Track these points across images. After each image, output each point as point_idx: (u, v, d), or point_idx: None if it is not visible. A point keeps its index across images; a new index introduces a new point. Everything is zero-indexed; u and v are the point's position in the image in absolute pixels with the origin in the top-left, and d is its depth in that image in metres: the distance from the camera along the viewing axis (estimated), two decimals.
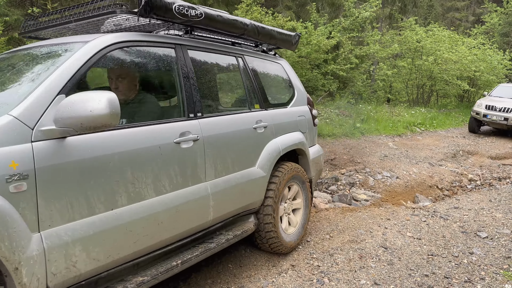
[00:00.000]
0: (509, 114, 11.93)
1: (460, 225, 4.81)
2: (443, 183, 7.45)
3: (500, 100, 12.60)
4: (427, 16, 27.98)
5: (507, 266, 3.81)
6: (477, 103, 13.10)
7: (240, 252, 3.93)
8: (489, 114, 12.30)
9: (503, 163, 9.57)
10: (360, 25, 14.49)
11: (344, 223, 4.81)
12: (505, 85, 14.17)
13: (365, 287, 3.41)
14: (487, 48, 19.55)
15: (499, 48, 22.36)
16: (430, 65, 16.36)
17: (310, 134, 4.39)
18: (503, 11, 29.35)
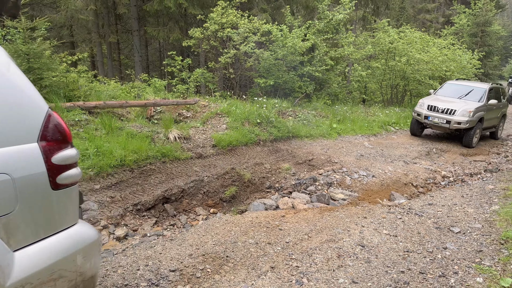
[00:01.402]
0: (452, 116, 10.57)
1: (434, 221, 4.94)
2: (418, 181, 7.64)
3: (444, 100, 11.33)
4: (399, 18, 28.67)
5: (479, 259, 3.93)
6: (419, 102, 11.61)
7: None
8: (431, 115, 10.93)
9: (474, 160, 9.89)
10: (334, 27, 14.71)
11: (322, 223, 4.86)
12: (453, 82, 12.88)
13: (344, 285, 3.45)
14: (456, 48, 20.18)
15: (468, 48, 23.13)
16: (403, 65, 16.76)
17: (33, 216, 1.97)
18: (471, 12, 30.40)
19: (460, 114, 10.50)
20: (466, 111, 10.46)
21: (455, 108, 10.64)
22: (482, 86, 11.78)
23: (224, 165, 6.84)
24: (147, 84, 10.72)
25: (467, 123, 10.41)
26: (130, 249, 4.18)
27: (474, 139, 10.89)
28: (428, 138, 11.91)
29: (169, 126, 6.91)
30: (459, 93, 11.74)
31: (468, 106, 10.71)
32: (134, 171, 5.82)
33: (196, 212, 5.73)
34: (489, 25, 30.97)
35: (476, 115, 10.58)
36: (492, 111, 11.58)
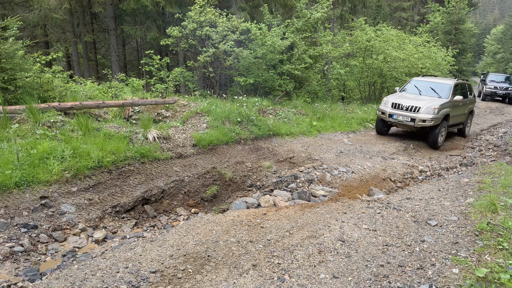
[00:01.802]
0: (417, 114, 10.14)
1: (412, 215, 5.05)
2: (396, 176, 7.78)
3: (409, 97, 11.00)
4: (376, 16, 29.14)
5: (455, 251, 4.03)
6: (383, 100, 11.25)
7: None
8: (395, 113, 10.50)
9: (450, 154, 10.15)
10: (312, 25, 14.82)
11: (304, 220, 4.89)
12: (418, 79, 12.34)
13: (325, 281, 3.49)
14: (431, 46, 20.64)
15: (442, 46, 23.71)
16: (380, 63, 17.04)
17: None
18: (445, 10, 31.18)
19: (424, 111, 10.11)
20: (431, 108, 10.10)
21: (420, 105, 10.24)
22: (447, 83, 11.51)
23: (205, 164, 6.80)
24: (124, 84, 10.55)
25: (432, 120, 10.05)
26: (109, 251, 4.11)
27: (440, 137, 10.55)
28: (405, 134, 12.15)
29: (148, 126, 6.82)
30: (424, 90, 11.51)
31: (433, 103, 10.31)
32: (112, 172, 5.72)
33: (177, 213, 5.68)
34: (462, 23, 31.82)
35: (441, 112, 10.24)
36: (458, 107, 11.29)
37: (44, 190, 4.95)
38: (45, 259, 4.21)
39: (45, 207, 4.79)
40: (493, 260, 3.75)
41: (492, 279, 3.43)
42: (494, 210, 5.02)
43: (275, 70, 13.71)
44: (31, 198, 4.79)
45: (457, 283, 3.42)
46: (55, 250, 4.38)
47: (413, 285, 3.43)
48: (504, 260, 3.74)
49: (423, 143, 10.95)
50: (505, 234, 4.27)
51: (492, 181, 6.50)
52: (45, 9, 14.54)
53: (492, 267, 3.61)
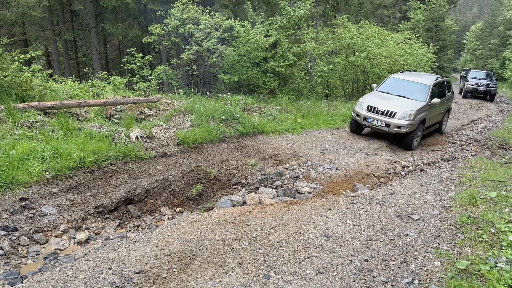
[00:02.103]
0: (392, 119, 9.67)
1: (395, 210, 5.12)
2: (379, 171, 7.88)
3: (386, 98, 10.46)
4: (358, 14, 29.41)
5: (437, 244, 4.11)
6: (359, 101, 10.74)
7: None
8: (370, 117, 10.02)
9: (432, 149, 10.33)
10: (295, 23, 14.84)
11: (289, 216, 4.90)
12: (396, 76, 11.70)
13: (310, 276, 3.51)
14: (413, 43, 20.95)
15: (423, 43, 24.10)
16: (362, 60, 17.20)
17: None
18: (426, 8, 31.69)
19: (400, 117, 9.63)
20: (407, 113, 9.62)
21: (396, 110, 9.73)
22: (426, 82, 10.85)
23: (190, 163, 6.76)
24: (106, 83, 10.38)
25: (407, 127, 9.59)
26: (92, 253, 4.05)
27: (415, 142, 10.23)
28: None
29: (130, 125, 6.73)
30: (402, 89, 10.86)
31: (409, 107, 9.81)
32: (94, 172, 5.63)
33: (162, 212, 5.63)
34: (443, 20, 32.40)
35: (417, 118, 9.78)
36: (435, 108, 10.85)
37: (24, 192, 4.84)
38: (26, 262, 4.12)
39: (25, 209, 4.68)
40: (473, 252, 3.84)
41: (472, 271, 3.50)
42: (474, 203, 5.14)
43: (259, 67, 13.69)
44: (11, 200, 4.68)
45: (439, 275, 3.49)
46: (36, 253, 4.29)
47: (397, 278, 3.48)
48: (484, 252, 3.83)
49: None
50: (484, 227, 4.37)
51: (472, 175, 6.64)
52: (23, 6, 14.19)
53: (473, 259, 3.69)
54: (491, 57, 46.25)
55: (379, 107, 9.98)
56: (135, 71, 11.40)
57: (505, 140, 10.34)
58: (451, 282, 3.33)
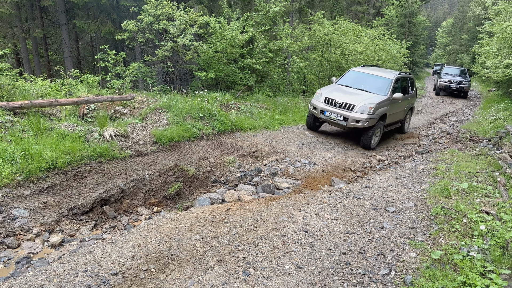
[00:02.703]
0: (350, 113, 9.06)
1: (372, 203, 5.21)
2: (356, 165, 8.00)
3: (345, 91, 9.85)
4: (333, 10, 29.66)
5: (413, 235, 4.21)
6: (317, 93, 10.06)
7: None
8: (328, 110, 9.38)
9: (406, 143, 10.57)
10: (271, 19, 14.85)
11: (268, 212, 4.91)
12: (358, 70, 11.13)
13: (289, 271, 3.52)
14: (387, 39, 21.32)
15: (397, 38, 24.56)
16: (338, 57, 17.37)
17: None
18: (399, 4, 32.31)
19: (359, 110, 9.03)
20: (366, 107, 9.02)
21: (355, 102, 9.13)
22: (388, 76, 10.29)
23: (167, 161, 6.67)
24: (79, 81, 10.11)
25: (366, 121, 9.00)
26: (67, 255, 3.94)
27: (374, 139, 9.62)
28: None
29: (104, 124, 6.58)
30: (362, 83, 10.29)
31: (370, 100, 9.24)
32: (67, 173, 5.47)
33: (139, 212, 5.53)
34: (415, 16, 33.14)
35: (377, 112, 9.20)
36: (397, 105, 10.25)
37: None
38: None
39: None
40: (447, 242, 3.95)
41: (446, 260, 3.60)
42: (447, 194, 5.28)
43: (236, 64, 13.64)
44: None
45: (415, 266, 3.57)
46: (8, 257, 4.14)
47: (374, 270, 3.54)
48: (457, 241, 3.95)
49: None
50: (457, 217, 4.50)
51: (445, 167, 6.83)
52: None
53: (446, 249, 3.80)
54: (462, 52, 47.66)
55: (337, 99, 9.35)
56: (109, 69, 11.15)
57: (475, 133, 10.68)
58: (426, 272, 3.42)
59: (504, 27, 12.77)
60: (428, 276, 3.36)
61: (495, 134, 10.17)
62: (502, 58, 13.49)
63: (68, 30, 17.32)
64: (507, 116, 13.07)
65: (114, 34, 13.94)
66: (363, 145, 9.59)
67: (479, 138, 10.01)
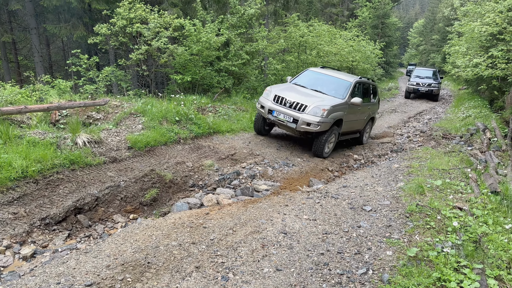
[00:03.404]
0: (301, 114, 8.05)
1: (349, 202, 5.26)
2: (333, 165, 8.08)
3: (298, 91, 8.83)
4: (308, 12, 29.99)
5: (389, 234, 4.27)
6: (266, 90, 8.96)
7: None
8: (276, 110, 8.34)
9: (381, 142, 10.75)
10: (247, 22, 14.86)
11: (247, 216, 4.89)
12: (315, 70, 10.15)
13: (268, 274, 3.51)
14: (361, 40, 21.71)
15: (370, 39, 25.04)
16: (314, 58, 17.57)
17: None
18: (372, 5, 32.98)
19: (311, 111, 8.00)
20: (320, 108, 7.99)
21: (307, 103, 8.11)
22: (347, 79, 9.41)
23: (143, 167, 6.55)
24: (50, 86, 9.83)
25: (318, 125, 7.95)
26: (39, 268, 3.80)
27: (328, 146, 8.63)
28: None
29: (77, 130, 6.41)
30: (319, 84, 9.34)
31: (324, 102, 8.24)
32: (39, 182, 5.30)
33: (114, 220, 5.41)
34: (388, 17, 33.89)
35: (332, 115, 8.19)
36: (355, 112, 9.24)
37: None
38: None
39: None
40: (422, 239, 4.02)
41: (422, 257, 3.67)
42: (422, 192, 5.39)
43: (213, 67, 13.57)
44: None
45: (391, 264, 3.62)
46: None
47: (352, 270, 3.56)
48: (432, 238, 4.03)
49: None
50: (431, 214, 4.60)
51: (419, 165, 6.98)
52: None
53: (422, 246, 3.87)
54: (433, 52, 49.02)
55: (288, 98, 8.33)
56: (81, 74, 10.89)
57: (448, 130, 10.98)
58: (403, 270, 3.47)
59: (472, 27, 13.20)
60: (405, 273, 3.41)
61: (466, 131, 10.49)
62: (471, 57, 13.94)
63: (38, 35, 16.84)
64: (477, 113, 13.51)
65: (87, 38, 13.63)
66: (314, 153, 8.58)
67: (452, 136, 10.29)
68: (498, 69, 11.66)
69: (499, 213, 4.78)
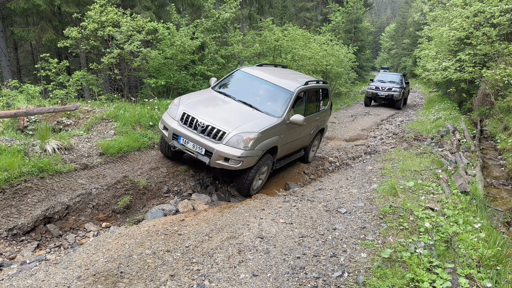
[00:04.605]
0: (216, 144, 5.84)
1: (324, 205, 5.29)
2: (309, 168, 8.13)
3: (218, 105, 6.65)
4: (282, 16, 30.28)
5: (363, 235, 4.31)
6: (174, 103, 6.64)
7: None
8: (184, 135, 6.08)
9: (355, 144, 10.92)
10: (222, 25, 14.82)
11: (223, 221, 4.84)
12: (248, 71, 7.59)
13: (245, 280, 3.48)
14: (334, 44, 22.06)
15: (344, 43, 25.49)
16: (289, 62, 17.71)
17: None
18: (345, 10, 33.60)
19: (231, 141, 5.78)
20: (242, 137, 5.77)
21: (226, 127, 5.86)
22: (287, 87, 6.99)
23: (115, 174, 6.39)
24: (18, 91, 9.47)
25: (240, 161, 5.78)
26: (6, 281, 3.64)
27: (257, 182, 6.63)
28: None
29: (46, 137, 6.19)
30: (250, 93, 7.09)
31: (251, 126, 5.98)
32: (5, 191, 5.08)
33: (86, 229, 5.24)
34: (360, 22, 34.60)
35: (261, 145, 5.98)
36: (297, 130, 7.09)
37: None
38: None
39: None
40: (395, 241, 4.09)
41: (395, 258, 3.72)
42: (395, 193, 5.49)
43: (188, 70, 13.44)
44: None
45: (366, 266, 3.66)
46: None
47: (328, 273, 3.58)
48: (405, 239, 4.10)
49: (331, 135, 11.60)
50: (404, 215, 4.68)
51: (392, 167, 7.12)
52: None
53: (395, 247, 3.93)
54: (405, 56, 50.39)
55: (200, 118, 5.98)
56: (51, 78, 10.56)
57: (419, 132, 11.26)
58: (377, 272, 3.51)
59: (441, 32, 13.64)
60: (379, 275, 3.45)
61: (437, 133, 10.79)
62: (440, 61, 14.40)
63: (5, 38, 16.24)
64: (447, 115, 13.94)
65: (56, 42, 13.23)
66: (238, 190, 6.62)
67: (423, 137, 10.56)
68: (466, 73, 12.08)
69: (469, 212, 4.92)
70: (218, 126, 5.91)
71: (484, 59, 12.41)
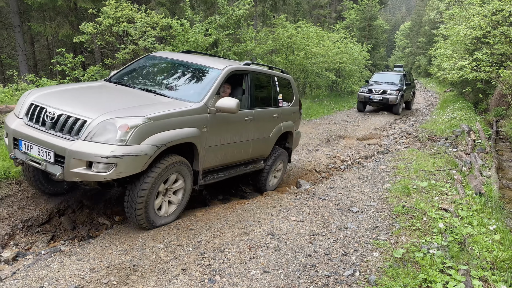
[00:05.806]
0: (71, 141, 3.73)
1: (336, 203, 5.28)
2: (320, 167, 8.11)
3: (93, 93, 4.62)
4: (296, 13, 30.14)
5: (375, 235, 4.29)
6: (22, 96, 4.48)
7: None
8: (25, 138, 3.98)
9: (368, 143, 10.84)
10: (235, 22, 14.82)
11: (234, 217, 4.86)
12: (161, 54, 5.79)
13: (256, 277, 3.49)
14: (348, 42, 21.88)
15: (358, 41, 25.26)
16: (301, 59, 17.65)
17: None
18: (359, 8, 33.27)
19: (96, 134, 3.74)
20: (114, 126, 3.75)
21: (90, 114, 3.85)
22: (215, 66, 5.08)
23: None
24: (35, 85, 9.65)
25: (112, 165, 3.70)
26: (21, 271, 3.72)
27: (160, 209, 4.47)
28: (327, 126, 12.69)
29: None
30: (162, 79, 5.29)
31: (136, 110, 4.03)
32: (22, 183, 5.18)
33: (100, 222, 5.32)
34: (375, 20, 34.24)
35: (152, 139, 3.94)
36: (240, 125, 5.25)
37: None
38: None
39: None
40: (408, 241, 4.05)
41: (408, 259, 3.69)
42: (408, 193, 5.44)
43: None
44: None
45: (378, 265, 3.64)
46: None
47: (339, 271, 3.57)
48: (418, 239, 4.06)
49: (344, 133, 11.53)
50: (417, 215, 4.64)
51: (405, 167, 7.05)
52: None
53: (408, 247, 3.90)
54: (419, 54, 49.77)
55: (51, 106, 4.01)
56: (66, 73, 10.71)
57: (433, 132, 11.12)
58: (389, 271, 3.49)
59: (458, 30, 13.41)
60: (391, 275, 3.43)
61: (451, 133, 10.64)
62: (456, 60, 14.17)
63: (22, 33, 16.51)
64: (462, 115, 13.73)
65: (72, 37, 13.41)
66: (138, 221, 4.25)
67: (437, 137, 10.43)
68: (482, 72, 11.87)
69: (484, 214, 4.85)
70: (75, 113, 3.85)
71: (502, 59, 12.17)
